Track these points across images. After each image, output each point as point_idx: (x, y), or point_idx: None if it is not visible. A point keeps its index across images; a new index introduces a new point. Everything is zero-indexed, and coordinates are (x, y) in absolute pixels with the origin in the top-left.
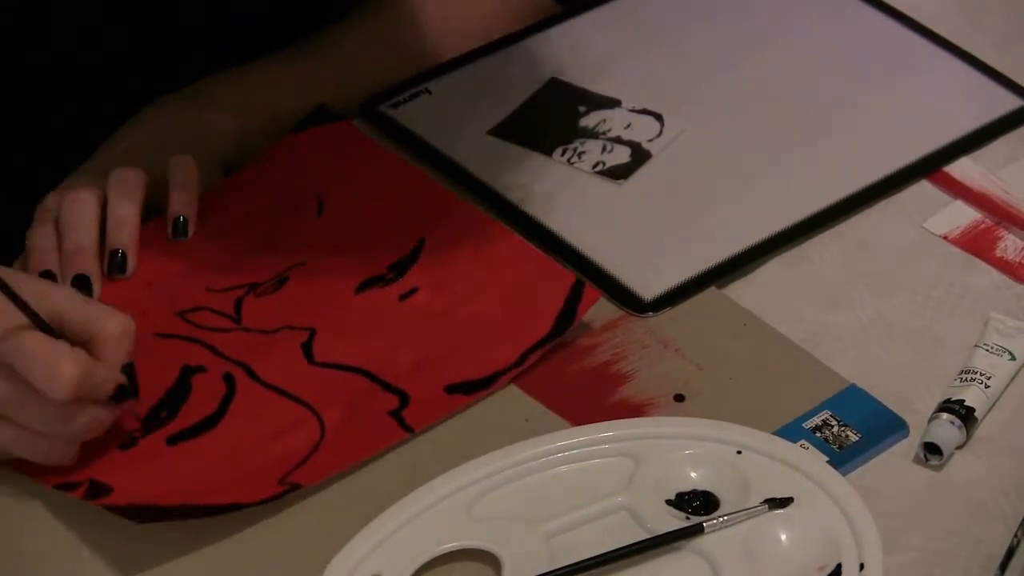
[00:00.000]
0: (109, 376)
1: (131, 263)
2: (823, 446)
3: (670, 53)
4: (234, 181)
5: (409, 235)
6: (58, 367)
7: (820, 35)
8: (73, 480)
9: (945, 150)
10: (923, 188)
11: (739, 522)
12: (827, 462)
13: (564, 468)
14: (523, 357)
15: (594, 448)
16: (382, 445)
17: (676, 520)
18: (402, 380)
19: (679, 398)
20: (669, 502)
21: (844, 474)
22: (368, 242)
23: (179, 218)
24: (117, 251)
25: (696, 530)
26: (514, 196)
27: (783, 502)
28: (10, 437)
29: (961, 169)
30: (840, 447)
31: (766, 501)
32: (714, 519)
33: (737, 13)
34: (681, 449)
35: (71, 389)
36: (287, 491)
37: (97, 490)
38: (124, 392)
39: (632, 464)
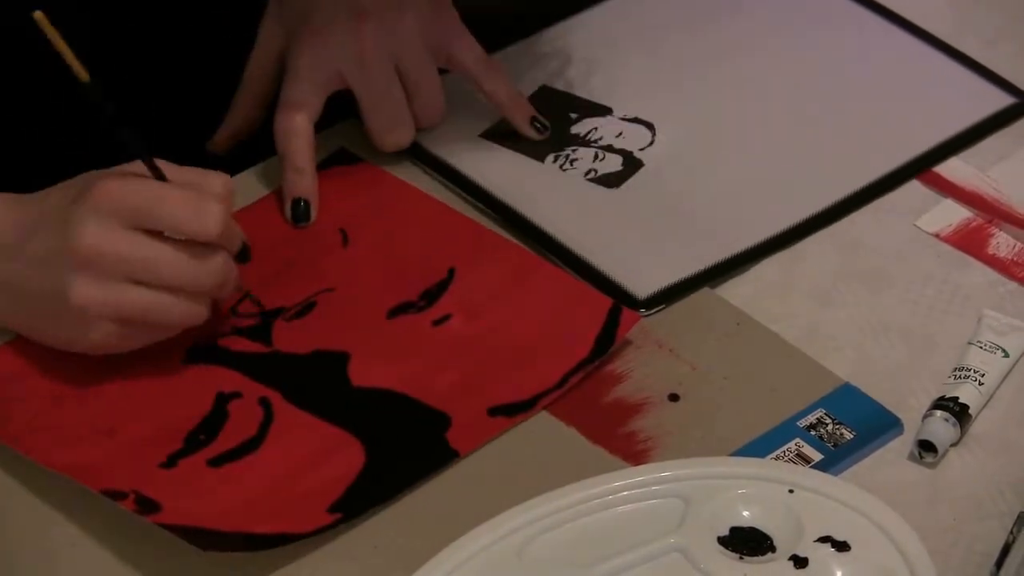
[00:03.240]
0: (233, 227)
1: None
2: (818, 444)
3: (659, 58)
4: (252, 209)
5: (439, 264)
6: (206, 206)
7: (810, 38)
8: (119, 489)
9: (938, 149)
10: (914, 186)
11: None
12: (883, 504)
13: (614, 511)
14: (564, 379)
15: (644, 490)
16: (430, 470)
17: (730, 560)
18: (443, 402)
19: (673, 398)
20: (721, 540)
21: (839, 472)
22: (397, 271)
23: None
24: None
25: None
26: (507, 197)
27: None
28: (146, 302)
29: (952, 168)
30: (835, 445)
31: (824, 540)
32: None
33: (726, 16)
34: (732, 489)
35: (219, 226)
36: (336, 523)
37: (146, 505)
38: (246, 251)
39: (683, 505)
